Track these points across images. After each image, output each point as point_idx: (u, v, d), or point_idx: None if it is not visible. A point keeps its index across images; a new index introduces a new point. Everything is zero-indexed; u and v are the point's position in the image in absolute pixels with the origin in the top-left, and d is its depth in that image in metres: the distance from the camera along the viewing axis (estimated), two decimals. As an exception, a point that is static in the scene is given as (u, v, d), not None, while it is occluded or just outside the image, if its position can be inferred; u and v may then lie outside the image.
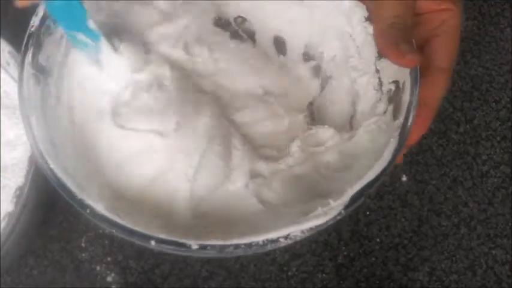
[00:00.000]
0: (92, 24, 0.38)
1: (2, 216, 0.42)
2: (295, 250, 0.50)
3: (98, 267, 0.49)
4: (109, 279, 0.49)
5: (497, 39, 0.59)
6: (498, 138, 0.55)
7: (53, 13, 0.37)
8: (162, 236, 0.33)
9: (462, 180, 0.54)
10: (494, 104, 0.57)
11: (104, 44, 0.39)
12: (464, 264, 0.51)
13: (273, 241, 0.33)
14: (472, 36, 0.59)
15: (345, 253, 0.51)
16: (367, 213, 0.52)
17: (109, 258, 0.49)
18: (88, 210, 0.33)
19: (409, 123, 0.36)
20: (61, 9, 0.36)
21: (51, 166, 0.34)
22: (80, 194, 0.34)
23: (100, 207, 0.33)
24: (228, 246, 0.32)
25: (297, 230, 0.33)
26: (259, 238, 0.33)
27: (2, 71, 0.47)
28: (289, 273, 0.50)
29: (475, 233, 0.52)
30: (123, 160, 0.39)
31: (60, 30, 0.40)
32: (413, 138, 0.38)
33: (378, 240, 0.51)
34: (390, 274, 0.50)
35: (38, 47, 0.38)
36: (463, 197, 0.53)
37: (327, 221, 0.33)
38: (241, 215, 0.38)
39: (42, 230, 0.50)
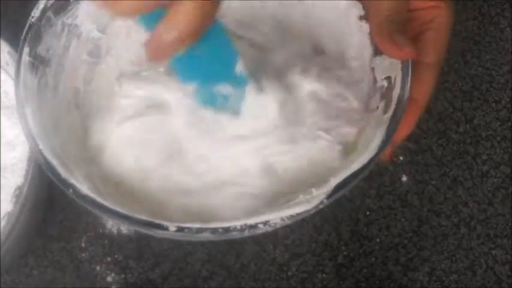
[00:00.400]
0: (240, 66, 0.32)
1: (1, 216, 0.42)
2: (295, 250, 0.50)
3: (98, 267, 0.49)
4: (109, 279, 0.49)
5: (497, 39, 0.59)
6: (498, 138, 0.55)
7: (185, 67, 0.30)
8: (141, 216, 0.33)
9: (462, 180, 0.54)
10: (494, 104, 0.57)
11: (249, 89, 0.34)
12: (464, 264, 0.51)
13: (251, 227, 0.32)
14: (472, 36, 0.59)
15: (345, 253, 0.51)
16: (367, 213, 0.52)
17: (109, 258, 0.49)
18: (71, 190, 0.34)
19: (398, 116, 0.36)
20: (204, 57, 0.29)
21: (41, 147, 0.35)
22: (64, 173, 0.34)
23: (84, 188, 0.34)
24: (206, 229, 0.32)
25: (276, 217, 0.33)
26: (238, 223, 0.32)
27: (2, 71, 0.47)
28: (289, 273, 0.50)
29: (475, 233, 0.52)
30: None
31: (61, 23, 0.40)
32: (401, 134, 0.38)
33: (377, 240, 0.51)
34: (390, 274, 0.50)
35: (38, 38, 0.39)
36: (463, 197, 0.53)
37: (309, 210, 0.33)
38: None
39: (42, 229, 0.50)
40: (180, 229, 0.32)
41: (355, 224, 0.51)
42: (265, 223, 0.33)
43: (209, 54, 0.29)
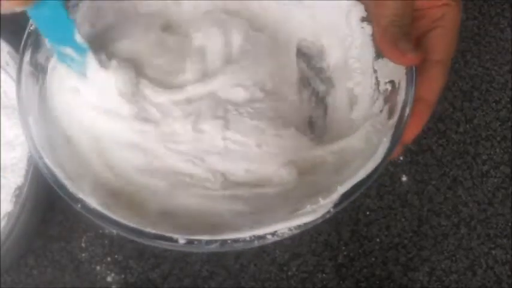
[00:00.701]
0: (78, 37, 0.37)
1: (1, 216, 0.42)
2: (295, 250, 0.50)
3: (98, 267, 0.49)
4: (109, 279, 0.49)
5: (497, 39, 0.60)
6: (498, 138, 0.55)
7: (39, 25, 0.36)
8: (151, 230, 0.33)
9: (462, 180, 0.54)
10: (494, 104, 0.57)
11: (90, 59, 0.38)
12: (464, 264, 0.51)
13: (260, 237, 0.33)
14: (472, 36, 0.59)
15: (345, 253, 0.51)
16: (367, 213, 0.52)
17: (109, 258, 0.49)
18: (79, 205, 0.34)
19: (403, 122, 0.36)
20: (47, 20, 0.35)
21: (45, 160, 0.35)
22: (71, 187, 0.34)
23: (92, 202, 0.34)
24: (215, 241, 0.32)
25: (284, 227, 0.33)
26: (246, 234, 0.32)
27: (2, 71, 0.47)
28: (289, 273, 0.50)
29: (475, 233, 0.52)
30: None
31: None
32: (411, 133, 0.37)
33: (377, 240, 0.51)
34: (390, 274, 0.50)
35: (37, 46, 0.39)
36: (463, 197, 0.53)
37: (316, 219, 0.33)
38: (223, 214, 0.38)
39: (42, 229, 0.50)
40: (190, 241, 0.32)
41: (355, 224, 0.51)
42: (273, 233, 0.33)
43: (49, 19, 0.35)
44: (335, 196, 0.34)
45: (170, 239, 0.33)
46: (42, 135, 0.36)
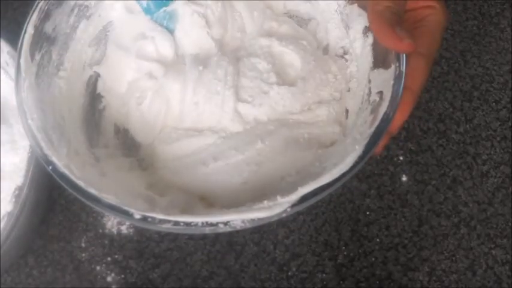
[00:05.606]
0: None
1: (1, 216, 0.42)
2: (295, 250, 0.50)
3: (98, 267, 0.49)
4: (109, 279, 0.49)
5: (497, 39, 0.60)
6: (498, 138, 0.55)
7: None
8: (108, 200, 0.34)
9: (462, 180, 0.54)
10: (494, 104, 0.57)
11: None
12: (464, 264, 0.51)
13: (212, 225, 0.33)
14: (472, 36, 0.59)
15: (345, 253, 0.51)
16: (367, 213, 0.52)
17: (109, 258, 0.49)
18: (50, 167, 0.35)
19: (380, 133, 0.35)
20: None
21: (29, 121, 0.36)
22: (46, 149, 0.35)
23: (62, 167, 0.35)
24: (168, 221, 0.33)
25: (237, 218, 0.33)
26: (199, 219, 0.33)
27: (2, 71, 0.47)
28: (289, 273, 0.50)
29: (475, 233, 0.52)
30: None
31: (69, 3, 0.42)
32: (397, 122, 0.37)
33: (377, 240, 0.51)
34: (390, 274, 0.50)
35: (46, 15, 0.39)
36: (463, 197, 0.53)
37: (271, 216, 0.33)
38: None
39: (42, 229, 0.50)
40: (144, 218, 0.33)
41: (355, 224, 0.51)
42: (225, 223, 0.33)
43: None
44: (294, 197, 0.33)
45: (126, 213, 0.33)
46: (34, 101, 0.37)
